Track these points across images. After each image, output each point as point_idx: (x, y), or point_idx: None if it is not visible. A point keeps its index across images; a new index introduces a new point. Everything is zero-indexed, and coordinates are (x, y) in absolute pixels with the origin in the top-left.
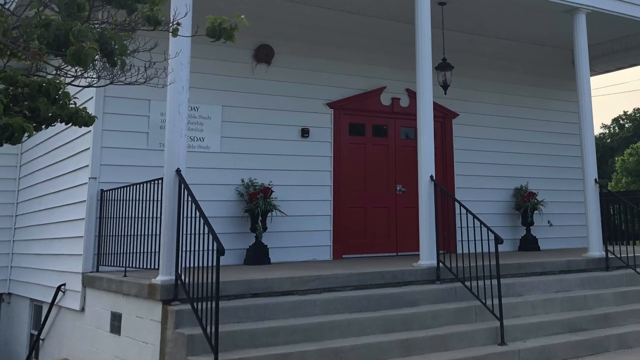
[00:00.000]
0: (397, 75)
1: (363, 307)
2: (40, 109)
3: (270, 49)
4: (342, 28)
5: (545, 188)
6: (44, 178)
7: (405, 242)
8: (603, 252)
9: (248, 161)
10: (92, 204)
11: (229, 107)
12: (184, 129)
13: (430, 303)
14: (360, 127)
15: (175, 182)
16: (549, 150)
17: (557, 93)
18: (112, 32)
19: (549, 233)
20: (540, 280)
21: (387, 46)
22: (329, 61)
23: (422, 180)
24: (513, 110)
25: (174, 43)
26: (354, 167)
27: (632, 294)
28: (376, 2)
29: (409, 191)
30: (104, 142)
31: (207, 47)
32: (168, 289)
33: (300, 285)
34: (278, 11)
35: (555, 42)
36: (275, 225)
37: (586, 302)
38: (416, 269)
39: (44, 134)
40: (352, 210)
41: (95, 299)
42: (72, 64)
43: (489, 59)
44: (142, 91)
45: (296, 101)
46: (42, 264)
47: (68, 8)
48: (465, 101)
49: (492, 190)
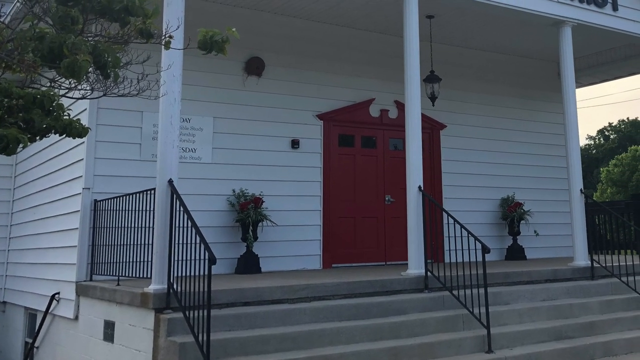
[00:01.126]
0: (386, 87)
1: (352, 315)
2: (35, 121)
3: (260, 61)
4: (332, 41)
5: (532, 198)
6: (39, 188)
7: (394, 252)
8: (588, 262)
9: (239, 172)
10: (85, 214)
11: (220, 118)
12: (176, 140)
13: (419, 311)
14: (350, 138)
15: (167, 193)
16: (535, 161)
17: (543, 105)
18: (105, 45)
19: (535, 242)
20: (527, 289)
21: (375, 59)
22: (318, 73)
23: (410, 191)
24: (500, 121)
25: (166, 56)
26: (343, 177)
27: (617, 303)
28: (365, 16)
29: (397, 201)
30: (98, 153)
31: (199, 59)
32: (160, 298)
33: (291, 294)
34: (269, 24)
35: (541, 54)
36: (266, 235)
37: (572, 311)
38: (404, 278)
39: (39, 145)
40: (341, 220)
41: (88, 308)
42: (66, 76)
43: (476, 71)
44: (134, 103)
45: (286, 113)
46: (37, 273)
47: (62, 21)
48: (453, 113)
49: (479, 200)
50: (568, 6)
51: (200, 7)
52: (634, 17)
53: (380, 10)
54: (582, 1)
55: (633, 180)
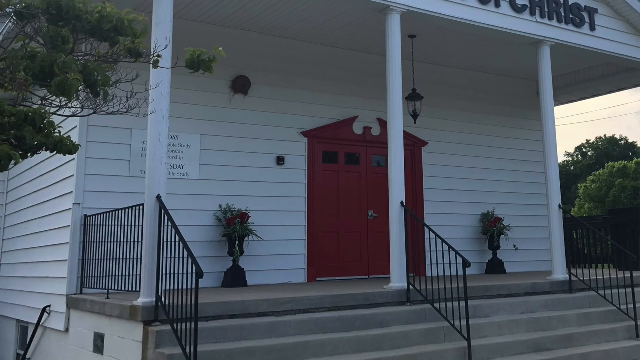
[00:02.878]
0: (369, 105)
1: (336, 327)
2: (26, 138)
3: (247, 80)
4: (316, 60)
5: (511, 213)
6: (30, 204)
7: (377, 266)
8: (567, 275)
9: (226, 188)
10: (76, 229)
11: (207, 135)
12: (165, 157)
13: (401, 324)
14: (334, 155)
15: (155, 208)
16: (514, 177)
17: (522, 122)
18: (95, 64)
19: (514, 257)
20: (507, 302)
21: (359, 77)
22: (303, 92)
23: (393, 206)
24: (480, 138)
25: (154, 74)
26: (327, 193)
27: (595, 315)
28: (348, 36)
29: (380, 216)
30: (88, 169)
31: (186, 78)
32: (149, 311)
33: (276, 307)
34: (255, 44)
35: (521, 73)
36: (252, 249)
37: (550, 323)
38: (387, 292)
39: (30, 161)
40: (325, 235)
41: (79, 320)
42: (57, 94)
43: (457, 90)
44: (124, 121)
45: (272, 130)
46: (28, 286)
47: (53, 41)
48: (435, 130)
49: (460, 215)
50: (547, 26)
51: (188, 27)
52: (611, 37)
53: (363, 30)
54: (560, 21)
55: (610, 196)
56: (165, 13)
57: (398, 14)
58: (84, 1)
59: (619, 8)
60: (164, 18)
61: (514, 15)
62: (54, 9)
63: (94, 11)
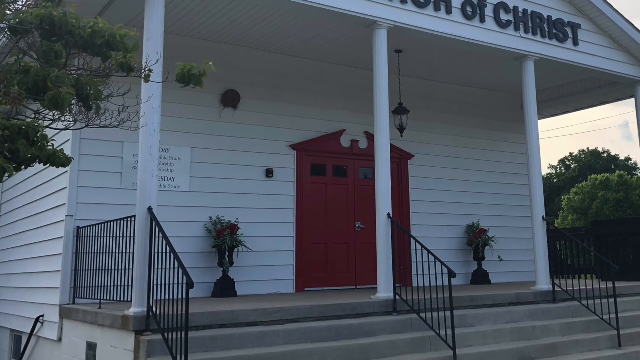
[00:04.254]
0: (356, 119)
1: (324, 337)
2: (20, 151)
3: (236, 94)
4: (304, 74)
5: (496, 225)
6: (24, 215)
7: (364, 276)
8: (550, 286)
9: (216, 200)
10: (68, 240)
11: (197, 148)
12: (156, 169)
13: (388, 333)
14: (322, 168)
15: (147, 220)
16: (499, 189)
17: (507, 135)
18: (87, 78)
19: (499, 267)
20: (491, 312)
21: (346, 91)
22: (292, 105)
23: (380, 218)
24: (465, 151)
25: (146, 88)
26: (315, 205)
27: (578, 325)
28: (336, 51)
29: (367, 228)
30: (80, 181)
31: (177, 92)
32: (140, 320)
33: (265, 317)
34: (244, 59)
35: (505, 87)
36: (242, 260)
37: (534, 333)
38: (374, 302)
39: (24, 174)
40: (313, 246)
41: (71, 330)
42: (50, 108)
43: (443, 104)
44: (116, 134)
45: (261, 143)
46: (22, 296)
47: (46, 56)
48: (421, 143)
49: (446, 227)
50: (531, 41)
51: (179, 42)
52: (593, 52)
53: (351, 45)
54: (544, 36)
55: (593, 208)
56: (156, 28)
57: (385, 30)
58: (77, 17)
59: (601, 23)
60: (155, 33)
61: (499, 31)
62: (47, 25)
63: (86, 26)
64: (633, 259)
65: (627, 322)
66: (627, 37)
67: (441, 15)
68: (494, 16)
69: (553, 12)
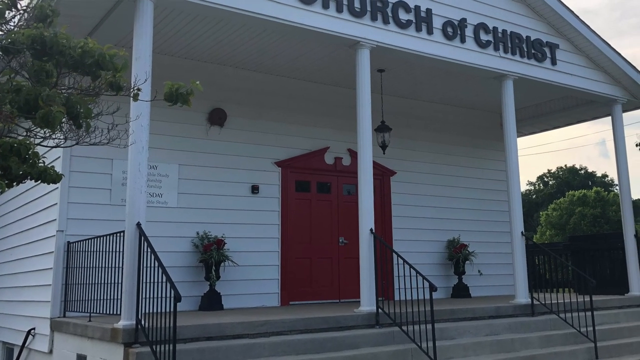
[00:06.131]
0: (340, 137)
1: (308, 349)
2: (12, 168)
3: (223, 112)
4: (289, 93)
5: (476, 240)
6: (15, 231)
7: (348, 290)
8: (529, 299)
9: (203, 215)
10: (59, 255)
11: (185, 165)
12: (144, 186)
13: (371, 346)
14: (306, 184)
15: (135, 235)
16: (479, 205)
17: (486, 153)
18: (77, 97)
19: (479, 281)
20: (472, 325)
21: (330, 110)
22: (277, 123)
23: (362, 233)
24: (446, 168)
25: (134, 107)
26: (300, 220)
27: (556, 337)
28: (320, 70)
29: (350, 243)
30: (71, 198)
31: (165, 110)
32: (129, 333)
33: (251, 330)
34: (230, 78)
35: (485, 106)
36: (228, 274)
37: (513, 345)
38: (357, 315)
39: (15, 190)
40: (298, 261)
41: (62, 342)
42: (41, 126)
43: (424, 122)
44: (105, 151)
45: (247, 160)
46: (14, 309)
47: (37, 75)
48: (403, 160)
49: (427, 242)
50: (510, 61)
51: (167, 61)
52: (571, 71)
53: (334, 64)
54: (523, 56)
55: (570, 223)
56: (144, 48)
57: (368, 49)
58: (67, 37)
59: (579, 43)
60: (143, 53)
61: (479, 51)
62: (39, 45)
63: (76, 46)
64: (609, 273)
65: (603, 334)
66: (603, 57)
67: (422, 35)
68: (474, 36)
69: (532, 32)
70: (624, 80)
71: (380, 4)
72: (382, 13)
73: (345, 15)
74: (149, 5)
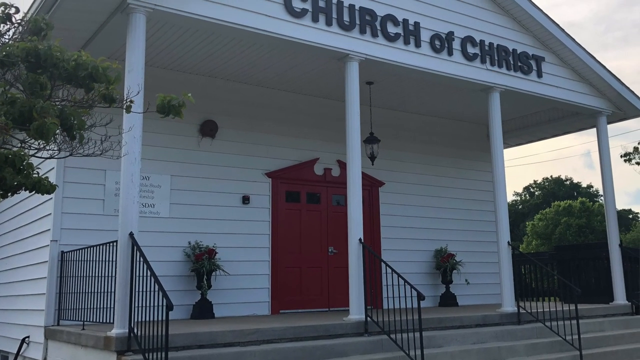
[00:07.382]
0: (329, 148)
1: (298, 357)
2: (7, 178)
3: (214, 123)
4: (280, 105)
5: (463, 249)
6: (10, 240)
7: (337, 299)
8: (515, 308)
9: (194, 225)
10: (53, 264)
11: (177, 176)
12: (137, 196)
13: (359, 354)
14: (296, 195)
15: (128, 245)
16: (466, 215)
17: (473, 164)
18: (71, 109)
19: (466, 290)
20: (459, 333)
21: (320, 121)
22: (267, 135)
23: (351, 243)
24: (434, 179)
25: (127, 119)
26: (290, 230)
27: (542, 345)
28: (310, 82)
29: (339, 252)
30: (64, 208)
31: (157, 122)
32: (122, 341)
33: (241, 338)
34: (222, 90)
35: (472, 117)
36: (219, 283)
37: (500, 353)
38: (346, 323)
39: (10, 200)
40: (288, 270)
41: (56, 350)
42: (36, 137)
43: (412, 133)
44: (98, 162)
45: (238, 171)
46: (8, 318)
47: (32, 87)
48: (391, 171)
49: (415, 251)
50: (497, 73)
51: (159, 74)
52: (557, 84)
53: (324, 77)
54: (509, 69)
55: (556, 233)
56: (137, 61)
57: (356, 62)
58: (61, 50)
59: (564, 56)
60: (136, 66)
61: (466, 63)
62: (33, 57)
63: (70, 59)
64: (594, 282)
65: (588, 342)
66: (589, 69)
67: (410, 48)
68: (461, 49)
69: (518, 45)
70: (608, 92)
71: (369, 17)
72: (370, 26)
73: (335, 28)
74: (142, 19)
